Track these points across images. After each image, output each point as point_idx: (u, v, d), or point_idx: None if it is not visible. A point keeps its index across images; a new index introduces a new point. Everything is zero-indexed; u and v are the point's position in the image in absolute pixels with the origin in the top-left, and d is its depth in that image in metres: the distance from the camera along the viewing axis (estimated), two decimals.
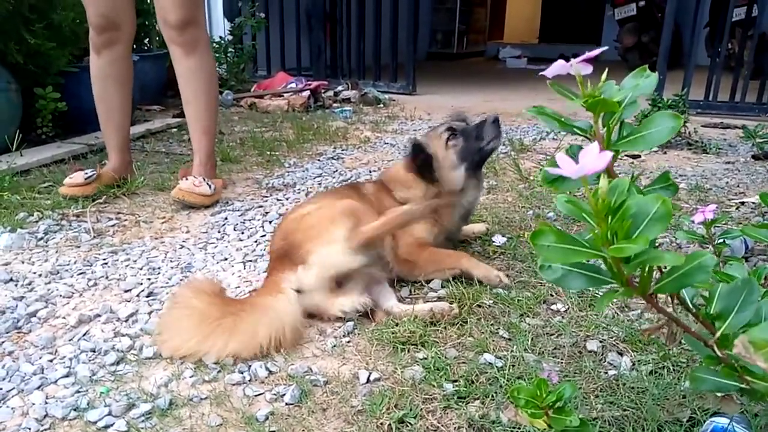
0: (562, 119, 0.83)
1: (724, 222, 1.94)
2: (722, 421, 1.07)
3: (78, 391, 1.36)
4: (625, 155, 3.61)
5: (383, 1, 6.21)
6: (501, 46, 11.92)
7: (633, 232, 0.67)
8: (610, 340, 1.54)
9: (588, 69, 0.76)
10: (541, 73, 0.79)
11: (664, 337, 0.85)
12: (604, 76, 0.77)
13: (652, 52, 7.94)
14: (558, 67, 0.76)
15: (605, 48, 0.80)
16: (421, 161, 1.93)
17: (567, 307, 1.71)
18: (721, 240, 1.50)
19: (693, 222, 1.59)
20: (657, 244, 2.22)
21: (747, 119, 4.59)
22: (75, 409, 1.29)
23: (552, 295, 1.78)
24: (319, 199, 1.96)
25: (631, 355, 1.46)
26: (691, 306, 0.82)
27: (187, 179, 2.60)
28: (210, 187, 2.60)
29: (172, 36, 2.58)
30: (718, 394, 1.27)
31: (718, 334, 0.76)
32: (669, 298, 0.84)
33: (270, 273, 1.73)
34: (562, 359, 1.46)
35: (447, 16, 11.28)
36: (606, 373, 1.40)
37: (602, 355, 1.48)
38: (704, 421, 1.16)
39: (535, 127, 4.43)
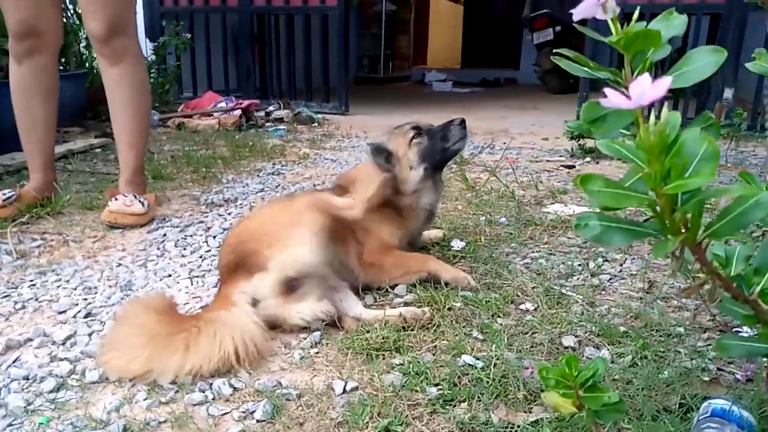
0: (589, 63, 0.79)
1: None
2: (719, 401, 1.06)
3: (10, 425, 1.18)
4: (561, 166, 3.71)
5: (312, 23, 6.18)
6: (426, 70, 12.18)
7: (685, 173, 0.62)
8: (585, 336, 1.51)
9: (616, 10, 0.72)
10: (571, 12, 0.74)
11: (702, 296, 0.81)
12: (635, 14, 0.73)
13: (569, 74, 8.32)
14: (589, 5, 0.71)
15: None
16: (383, 160, 1.87)
17: (536, 305, 1.68)
18: None
19: None
20: None
21: None
22: None
23: (518, 296, 1.75)
24: (269, 206, 1.85)
25: (608, 349, 1.44)
26: (716, 266, 0.78)
27: (116, 199, 2.41)
28: (143, 204, 2.42)
29: (97, 46, 2.41)
30: (705, 379, 1.27)
31: (759, 288, 0.72)
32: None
33: (221, 288, 1.61)
34: (541, 356, 1.42)
35: (372, 42, 11.42)
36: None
37: (580, 350, 1.45)
38: (695, 407, 1.15)
39: (470, 143, 4.49)
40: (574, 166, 3.71)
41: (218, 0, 6.37)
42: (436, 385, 1.29)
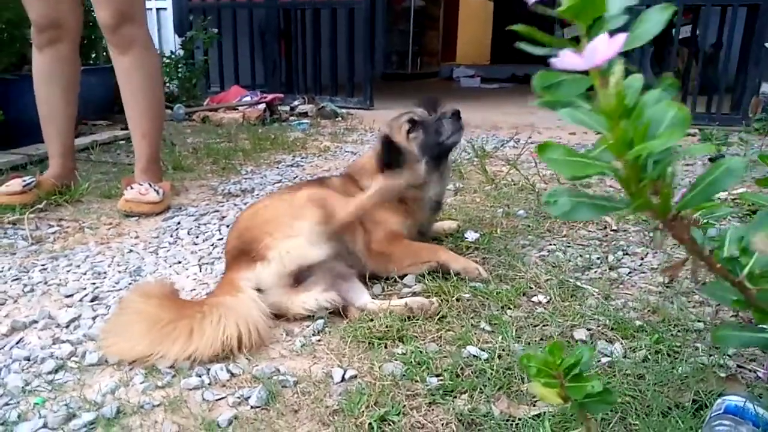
0: (543, 36, 0.74)
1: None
2: (734, 399, 0.99)
3: (7, 404, 1.17)
4: None
5: (338, 18, 6.16)
6: (454, 66, 12.07)
7: (650, 138, 0.57)
8: (598, 329, 1.45)
9: None
10: None
11: (686, 274, 0.75)
12: None
13: None
14: None
15: None
16: (392, 157, 1.82)
17: (549, 298, 1.62)
18: (706, 221, 1.44)
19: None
20: (624, 233, 2.17)
21: (698, 128, 4.70)
22: (2, 423, 1.11)
23: (531, 287, 1.69)
24: (276, 194, 1.82)
25: (622, 343, 1.38)
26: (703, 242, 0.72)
27: (132, 188, 2.42)
28: (158, 192, 2.43)
29: (106, 35, 2.42)
30: (722, 375, 1.20)
31: (747, 270, 0.66)
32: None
33: (226, 273, 1.59)
34: None
35: (401, 38, 11.36)
36: (599, 360, 1.30)
37: (592, 343, 1.39)
38: (709, 404, 1.08)
39: (495, 137, 4.41)
40: None
41: None
42: (437, 375, 1.25)
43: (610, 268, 1.84)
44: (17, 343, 1.40)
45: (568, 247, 2.03)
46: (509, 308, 1.57)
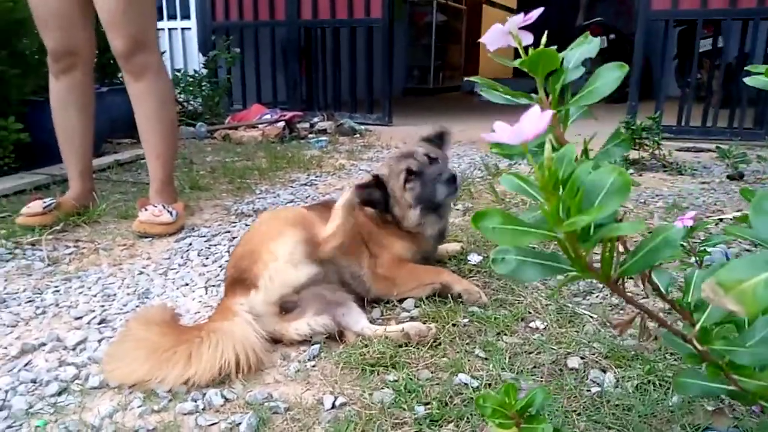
0: (502, 87, 0.76)
1: (700, 231, 1.88)
2: None
3: (10, 426, 1.22)
4: None
5: (358, 37, 6.24)
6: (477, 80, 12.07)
7: (587, 207, 0.59)
8: (592, 357, 1.45)
9: (527, 38, 0.70)
10: (479, 40, 0.72)
11: (636, 331, 0.76)
12: (543, 39, 0.71)
13: (624, 83, 8.07)
14: (496, 32, 0.69)
15: (541, 9, 0.73)
16: (371, 198, 1.85)
17: (546, 324, 1.62)
18: (703, 248, 1.43)
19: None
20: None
21: (719, 142, 4.63)
22: None
23: (530, 313, 1.69)
24: (264, 220, 1.83)
25: (614, 372, 1.37)
26: (664, 293, 0.74)
27: (146, 209, 2.50)
28: (171, 213, 2.49)
29: (121, 63, 2.50)
30: (709, 409, 1.19)
31: (698, 327, 0.67)
32: (644, 292, 0.76)
33: (222, 300, 1.63)
34: (541, 377, 1.37)
35: (423, 53, 11.43)
36: (589, 390, 1.30)
37: (584, 372, 1.39)
38: None
39: None
40: None
41: (267, 14, 6.53)
42: (426, 403, 1.26)
43: (611, 293, 1.83)
44: (25, 365, 1.46)
45: None
46: (505, 334, 1.58)
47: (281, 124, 5.17)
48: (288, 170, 3.82)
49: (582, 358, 1.44)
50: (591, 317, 1.66)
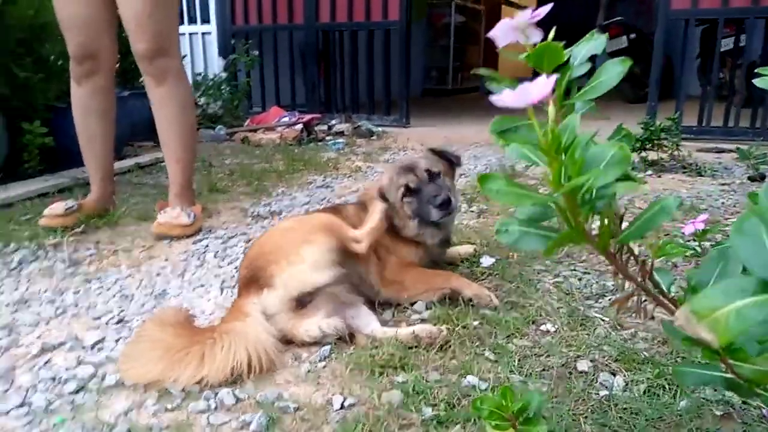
0: (509, 79, 0.77)
1: (716, 234, 1.86)
2: None
3: (30, 423, 1.26)
4: None
5: (375, 40, 6.27)
6: None
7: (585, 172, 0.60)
8: (602, 360, 1.45)
9: (537, 34, 0.70)
10: (488, 35, 0.73)
11: (632, 310, 0.77)
12: (551, 34, 0.72)
13: (644, 83, 7.97)
14: (505, 27, 0.70)
15: (551, 5, 0.74)
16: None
17: (557, 327, 1.62)
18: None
19: (684, 234, 1.52)
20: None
21: (741, 143, 4.56)
22: None
23: (541, 315, 1.69)
24: (288, 221, 1.88)
25: (624, 375, 1.37)
26: (664, 288, 0.74)
27: (165, 212, 2.54)
28: (189, 216, 2.54)
29: (143, 67, 2.55)
30: (717, 413, 1.18)
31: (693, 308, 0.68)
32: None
33: (236, 300, 1.66)
34: (550, 380, 1.37)
35: (441, 54, 11.44)
36: (597, 394, 1.30)
37: (593, 375, 1.39)
38: None
39: None
40: None
41: (286, 18, 6.59)
42: (433, 405, 1.28)
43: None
44: (45, 363, 1.50)
45: (586, 273, 2.02)
46: (516, 337, 1.58)
47: (299, 126, 5.22)
48: (305, 172, 3.85)
49: (592, 361, 1.44)
50: (602, 320, 1.65)
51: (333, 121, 5.82)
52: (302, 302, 1.55)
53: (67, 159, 3.67)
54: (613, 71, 0.73)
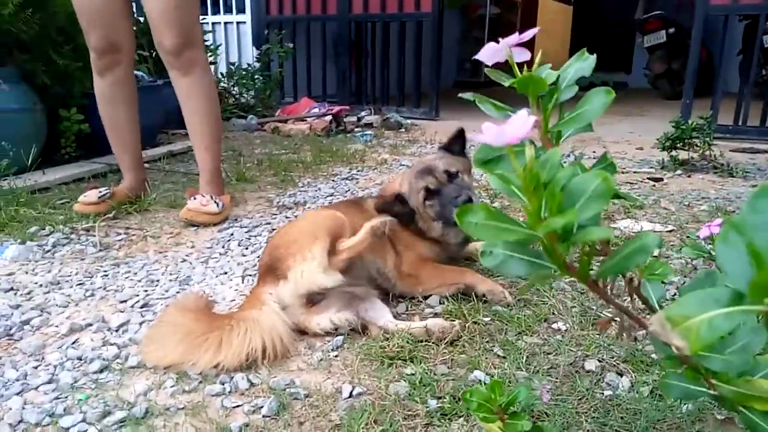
0: (500, 105, 0.80)
1: None
2: None
3: (57, 398, 1.34)
4: (647, 178, 3.51)
5: (407, 31, 6.27)
6: None
7: (569, 209, 0.62)
8: (610, 360, 1.46)
9: (524, 55, 0.73)
10: (475, 57, 0.75)
11: (617, 332, 0.79)
12: (538, 58, 0.74)
13: (682, 79, 7.79)
14: (490, 50, 0.73)
15: (537, 29, 0.76)
16: (394, 213, 1.87)
17: (568, 326, 1.63)
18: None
19: (698, 237, 1.52)
20: (666, 260, 2.13)
21: None
22: (50, 415, 1.27)
23: (553, 314, 1.71)
24: (310, 213, 1.93)
25: (631, 376, 1.38)
26: (654, 304, 0.76)
27: (194, 198, 2.62)
28: (218, 204, 2.61)
29: (168, 59, 2.60)
30: (719, 417, 1.19)
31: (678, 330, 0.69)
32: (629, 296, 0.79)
33: (254, 288, 1.71)
34: (557, 378, 1.39)
35: (475, 46, 11.31)
36: (602, 393, 1.32)
37: (600, 375, 1.40)
38: None
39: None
40: (662, 179, 3.49)
41: (319, 9, 6.63)
42: (439, 398, 1.31)
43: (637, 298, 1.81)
44: (73, 343, 1.58)
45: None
46: (526, 334, 1.60)
47: (328, 117, 5.26)
48: (331, 164, 3.90)
49: (600, 360, 1.45)
50: (615, 321, 1.65)
51: (362, 113, 5.85)
52: (312, 300, 1.59)
53: (101, 145, 3.79)
54: (598, 101, 0.74)
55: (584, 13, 13.38)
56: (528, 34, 0.72)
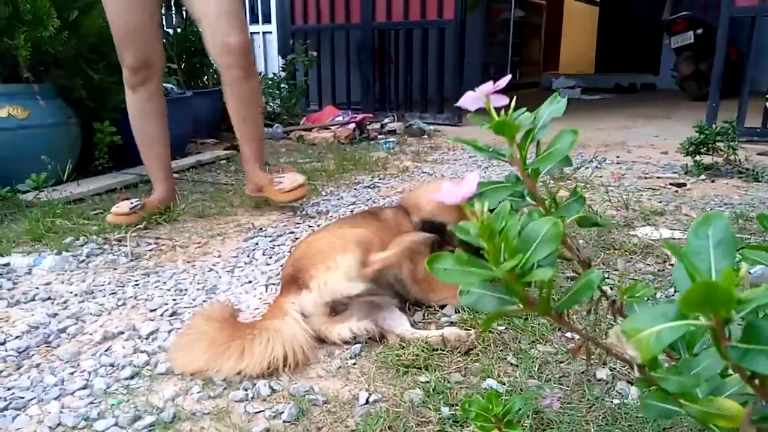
0: (489, 148, 0.87)
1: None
2: None
3: (91, 403, 1.42)
4: (670, 184, 3.50)
5: (430, 37, 6.32)
6: (554, 77, 11.85)
7: (524, 251, 0.69)
8: (622, 369, 1.49)
9: (502, 100, 0.79)
10: (457, 104, 0.82)
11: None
12: (512, 103, 0.80)
13: (710, 80, 7.69)
14: (469, 98, 0.79)
15: (509, 77, 0.82)
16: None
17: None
18: None
19: None
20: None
21: None
22: (85, 419, 1.35)
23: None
24: (333, 226, 1.99)
25: None
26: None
27: (284, 177, 2.92)
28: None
29: (234, 60, 2.65)
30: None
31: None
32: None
33: (277, 297, 1.78)
34: (567, 386, 1.42)
35: (500, 49, 11.34)
36: (611, 402, 1.35)
37: (611, 383, 1.43)
38: None
39: (580, 155, 4.37)
40: (685, 185, 3.48)
41: (343, 18, 6.73)
42: (452, 405, 1.36)
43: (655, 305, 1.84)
44: (106, 350, 1.67)
45: (620, 281, 2.03)
46: (540, 343, 1.64)
47: (351, 125, 5.35)
48: (354, 172, 3.97)
49: (611, 369, 1.49)
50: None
51: (386, 120, 5.92)
52: (335, 309, 1.65)
53: (132, 156, 3.93)
54: (566, 141, 0.81)
55: (611, 15, 13.25)
56: (502, 83, 0.78)
